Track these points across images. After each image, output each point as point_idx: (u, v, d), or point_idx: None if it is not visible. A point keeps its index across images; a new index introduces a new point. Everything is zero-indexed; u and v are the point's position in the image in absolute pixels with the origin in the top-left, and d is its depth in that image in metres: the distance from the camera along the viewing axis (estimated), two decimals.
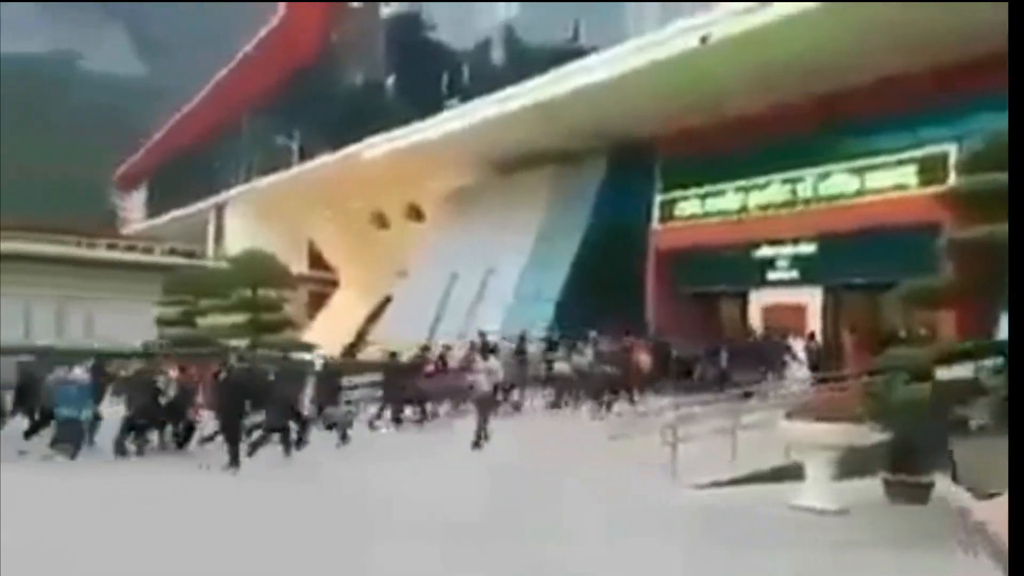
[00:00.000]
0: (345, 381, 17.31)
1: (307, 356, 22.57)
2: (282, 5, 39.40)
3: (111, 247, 48.46)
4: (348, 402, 16.71)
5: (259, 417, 13.36)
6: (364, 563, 6.98)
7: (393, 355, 18.89)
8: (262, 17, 41.22)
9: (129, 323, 34.77)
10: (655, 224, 25.42)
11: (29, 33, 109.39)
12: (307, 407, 14.60)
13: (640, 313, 24.05)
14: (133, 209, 59.93)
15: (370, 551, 7.27)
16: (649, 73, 21.30)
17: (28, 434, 13.50)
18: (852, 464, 9.03)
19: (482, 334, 23.53)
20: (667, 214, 25.27)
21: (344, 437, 14.59)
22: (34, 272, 41.47)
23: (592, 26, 24.64)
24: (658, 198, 25.49)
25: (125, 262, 45.10)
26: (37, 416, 13.80)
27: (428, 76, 31.53)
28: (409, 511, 8.97)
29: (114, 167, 61.99)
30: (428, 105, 30.47)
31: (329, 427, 15.01)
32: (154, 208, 56.28)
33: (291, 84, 40.80)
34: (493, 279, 29.12)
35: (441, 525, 8.24)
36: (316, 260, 45.75)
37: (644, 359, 19.40)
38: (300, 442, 13.44)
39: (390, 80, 34.80)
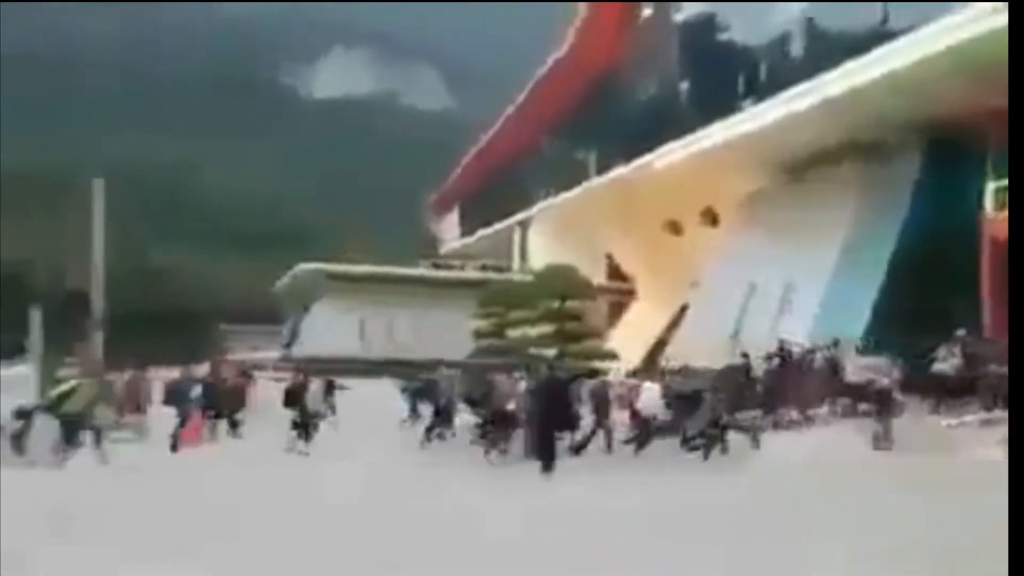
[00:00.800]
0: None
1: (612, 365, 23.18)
2: (575, 24, 40.78)
3: (435, 266, 53.04)
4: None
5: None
6: None
7: (744, 356, 18.69)
8: (557, 39, 43.01)
9: (449, 335, 37.92)
10: (989, 213, 22.77)
11: (358, 77, 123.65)
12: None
13: (975, 315, 21.67)
14: (447, 230, 65.00)
15: None
16: (968, 51, 19.29)
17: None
18: None
19: (782, 342, 22.55)
20: (1003, 201, 22.53)
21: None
22: (367, 291, 46.59)
23: (904, 7, 22.73)
24: (991, 185, 22.81)
25: (444, 279, 49.22)
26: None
27: (723, 78, 30.96)
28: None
29: (430, 192, 67.84)
30: (723, 108, 29.94)
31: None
32: (465, 228, 60.66)
33: (586, 100, 42.05)
34: (794, 286, 27.85)
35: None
36: (614, 271, 46.67)
37: None
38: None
39: (684, 86, 34.63)
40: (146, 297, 62.20)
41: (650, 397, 14.54)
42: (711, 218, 36.26)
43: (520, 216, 50.11)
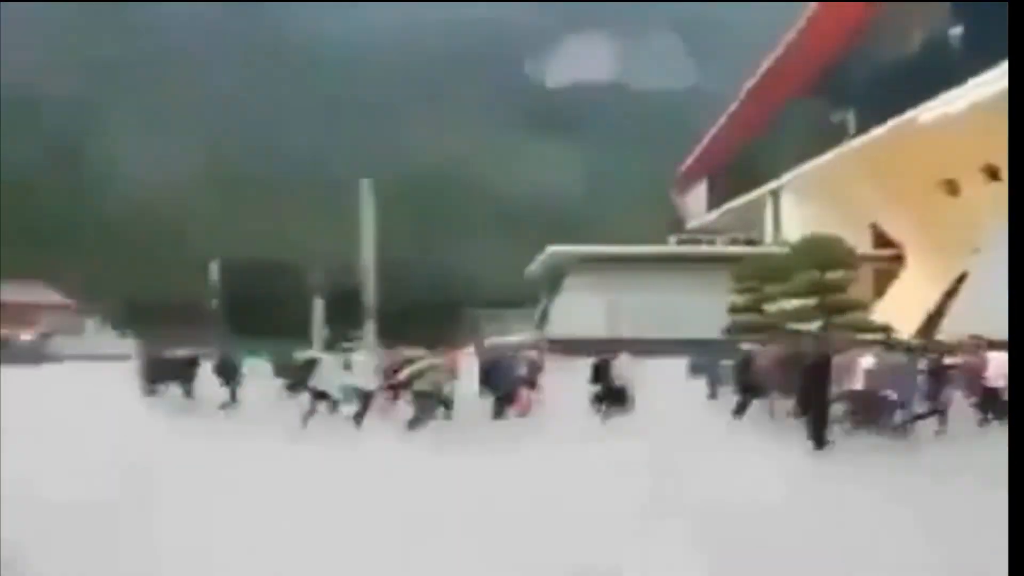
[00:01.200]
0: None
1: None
2: None
3: (681, 242, 52.43)
4: None
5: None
6: None
7: None
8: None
9: (698, 311, 37.37)
10: None
11: (595, 60, 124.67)
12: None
13: None
14: (694, 204, 63.99)
15: None
16: None
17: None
18: None
19: None
20: None
21: None
22: (615, 270, 47.01)
23: None
24: None
25: (693, 255, 48.49)
26: None
27: (1004, 17, 27.68)
28: None
29: (676, 169, 66.99)
30: (1003, 51, 26.80)
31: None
32: (712, 202, 59.36)
33: (839, 60, 39.47)
34: None
35: None
36: (878, 238, 43.60)
37: None
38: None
39: (955, 31, 31.38)
40: (412, 286, 66.92)
41: (1001, 367, 13.25)
42: (992, 173, 32.56)
43: (771, 185, 48.11)
